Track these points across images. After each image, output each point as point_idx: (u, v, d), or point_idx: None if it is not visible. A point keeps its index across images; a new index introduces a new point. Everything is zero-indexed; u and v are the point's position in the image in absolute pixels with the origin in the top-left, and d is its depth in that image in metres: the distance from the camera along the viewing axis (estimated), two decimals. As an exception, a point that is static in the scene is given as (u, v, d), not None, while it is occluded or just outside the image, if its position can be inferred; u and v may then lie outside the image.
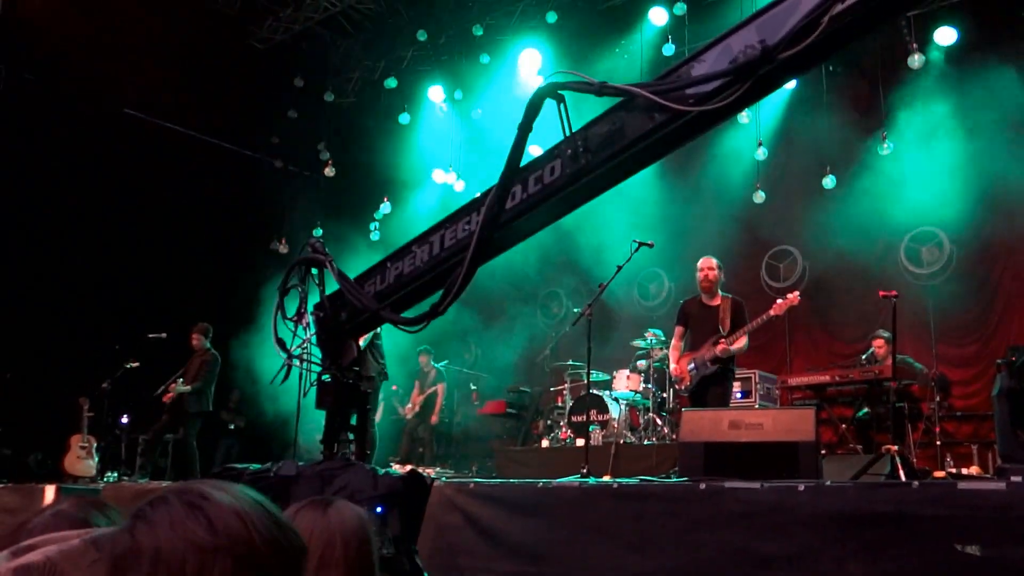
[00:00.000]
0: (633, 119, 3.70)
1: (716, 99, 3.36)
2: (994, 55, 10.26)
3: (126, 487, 8.69)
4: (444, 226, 4.47)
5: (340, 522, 2.09)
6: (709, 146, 12.47)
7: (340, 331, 4.72)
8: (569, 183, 3.92)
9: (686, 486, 5.17)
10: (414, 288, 4.54)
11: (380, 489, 3.78)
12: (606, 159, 3.76)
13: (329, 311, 4.70)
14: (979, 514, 3.94)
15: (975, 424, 10.17)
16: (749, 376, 10.05)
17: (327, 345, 4.71)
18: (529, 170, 4.08)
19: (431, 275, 4.46)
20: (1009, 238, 10.49)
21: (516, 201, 4.07)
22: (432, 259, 4.46)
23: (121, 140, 12.15)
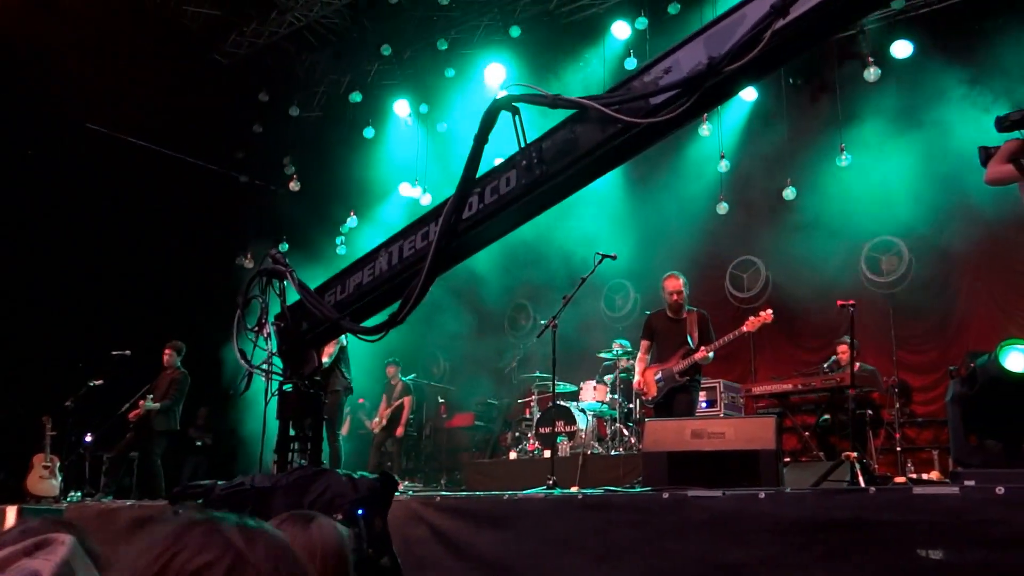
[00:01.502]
0: (586, 131, 3.78)
1: (665, 111, 3.44)
2: (948, 67, 10.47)
3: (90, 507, 8.60)
4: (403, 236, 4.52)
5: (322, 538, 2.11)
6: (672, 159, 12.62)
7: (301, 341, 4.74)
8: (524, 193, 3.98)
9: (650, 496, 5.23)
10: (373, 298, 4.58)
11: (360, 492, 3.81)
12: (560, 170, 3.83)
13: (290, 321, 4.72)
14: (935, 518, 4.03)
15: (935, 430, 10.33)
16: (714, 385, 10.15)
17: (288, 355, 4.73)
18: (485, 181, 4.14)
19: (390, 285, 4.49)
20: (966, 246, 10.70)
21: (473, 211, 4.13)
22: (391, 269, 4.51)
23: (84, 155, 12.05)
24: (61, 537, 1.38)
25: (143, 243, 12.48)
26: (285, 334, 4.69)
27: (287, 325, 4.71)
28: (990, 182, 5.19)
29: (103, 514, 7.73)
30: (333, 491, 3.79)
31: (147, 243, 12.53)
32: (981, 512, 3.89)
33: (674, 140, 12.63)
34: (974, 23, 10.81)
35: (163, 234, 12.74)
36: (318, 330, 4.73)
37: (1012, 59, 9.92)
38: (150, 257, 12.58)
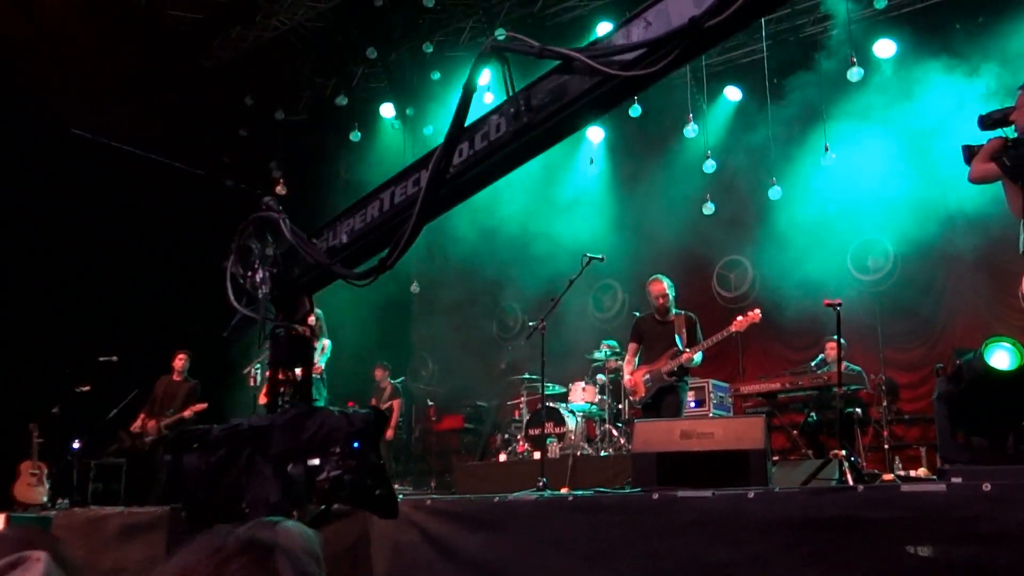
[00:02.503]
0: (571, 81, 3.90)
1: (645, 64, 3.56)
2: (932, 66, 10.54)
3: (78, 514, 8.55)
4: (394, 183, 4.59)
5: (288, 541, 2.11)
6: (658, 159, 12.67)
7: (293, 287, 4.79)
8: (512, 140, 4.11)
9: (640, 496, 5.24)
10: (365, 244, 4.63)
11: (355, 425, 3.83)
12: (546, 118, 3.98)
13: (282, 267, 4.76)
14: (922, 515, 4.05)
15: (923, 427, 10.39)
16: (703, 385, 10.17)
17: (280, 301, 4.77)
18: (475, 128, 4.26)
19: (381, 231, 4.54)
20: (952, 245, 10.77)
21: (463, 157, 4.24)
22: (382, 215, 4.56)
23: (68, 160, 11.98)
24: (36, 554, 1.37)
25: (129, 248, 12.41)
26: (277, 280, 4.73)
27: (279, 271, 4.75)
28: (974, 180, 5.22)
29: (92, 521, 7.70)
30: (329, 426, 3.82)
31: (133, 248, 12.46)
32: (968, 509, 3.92)
33: (660, 140, 12.70)
34: (956, 22, 10.89)
35: (149, 239, 12.67)
36: (310, 275, 4.79)
37: (995, 57, 9.99)
38: (136, 262, 12.51)
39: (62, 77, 11.38)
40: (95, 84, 11.60)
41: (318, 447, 3.77)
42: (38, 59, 11.27)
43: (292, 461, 3.77)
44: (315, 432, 3.80)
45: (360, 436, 3.72)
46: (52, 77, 11.33)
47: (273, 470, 3.76)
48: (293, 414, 4.05)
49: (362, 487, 3.67)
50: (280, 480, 3.72)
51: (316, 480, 3.70)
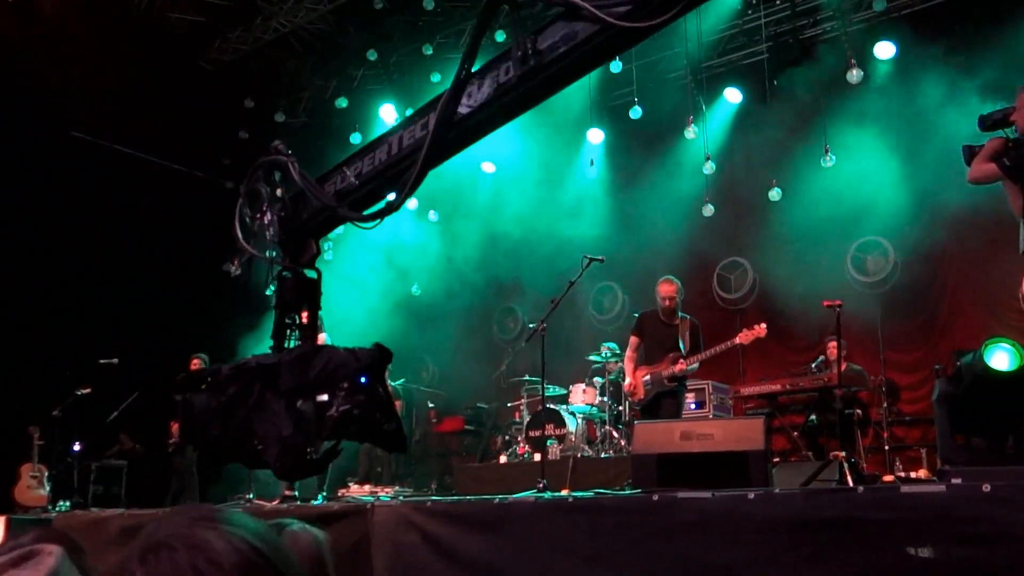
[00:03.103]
0: (576, 29, 4.06)
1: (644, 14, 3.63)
2: (931, 67, 10.55)
3: (79, 516, 8.55)
4: (403, 127, 4.63)
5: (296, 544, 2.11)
6: (658, 161, 12.67)
7: (301, 229, 4.80)
8: (519, 83, 4.17)
9: (640, 498, 5.24)
10: (372, 187, 4.65)
11: (362, 361, 3.86)
12: (551, 62, 4.04)
13: (291, 210, 4.77)
14: (922, 516, 4.05)
15: (923, 428, 10.37)
16: (703, 387, 10.19)
17: (288, 243, 4.77)
18: (483, 72, 4.31)
19: (389, 174, 4.56)
20: (952, 245, 10.77)
21: (471, 99, 4.29)
22: (390, 158, 4.59)
23: (68, 162, 11.99)
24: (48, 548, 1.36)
25: (129, 250, 12.42)
26: (285, 222, 4.74)
27: (288, 214, 4.76)
28: (974, 181, 5.23)
29: (93, 523, 7.70)
30: (336, 363, 3.84)
31: (133, 250, 12.47)
32: (968, 509, 3.92)
33: (660, 142, 12.70)
34: (955, 23, 10.89)
35: (149, 241, 12.68)
36: (318, 219, 4.80)
37: (995, 58, 9.99)
38: (136, 264, 12.52)
39: (62, 79, 11.38)
40: (95, 86, 11.61)
41: (326, 383, 3.79)
42: (38, 61, 11.28)
43: (301, 397, 3.78)
44: (322, 368, 3.82)
45: (367, 371, 3.75)
46: (52, 79, 11.34)
47: (284, 406, 3.78)
48: (300, 352, 4.07)
49: (371, 421, 3.70)
50: (291, 415, 3.73)
51: (326, 415, 3.71)
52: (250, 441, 3.82)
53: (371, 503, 6.35)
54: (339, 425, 3.71)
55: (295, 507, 7.70)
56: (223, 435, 3.92)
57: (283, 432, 3.70)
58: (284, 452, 3.68)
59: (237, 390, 3.92)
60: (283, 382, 3.81)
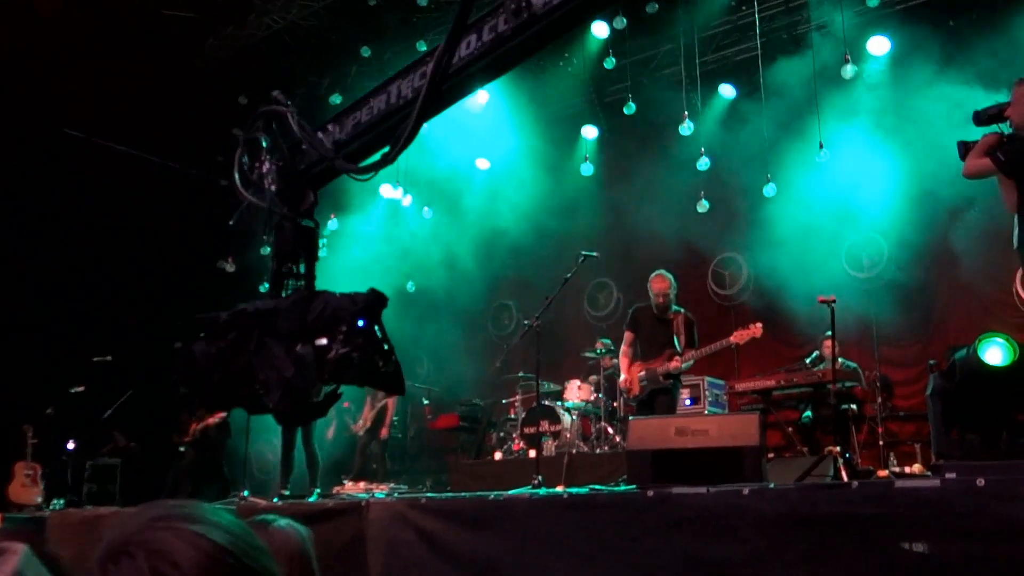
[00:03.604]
0: None
1: None
2: (926, 62, 10.55)
3: (73, 514, 8.54)
4: (400, 77, 4.63)
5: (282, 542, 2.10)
6: (653, 156, 12.67)
7: (299, 179, 4.82)
8: (514, 35, 4.17)
9: (634, 494, 5.24)
10: (369, 138, 4.67)
11: (359, 304, 3.86)
12: (546, 13, 4.06)
13: (288, 159, 4.79)
14: (916, 511, 4.05)
15: (918, 423, 10.38)
16: (698, 382, 10.19)
17: (285, 193, 4.79)
18: (479, 23, 4.32)
19: (385, 125, 4.57)
20: (946, 241, 10.78)
21: (468, 50, 4.30)
22: (388, 108, 4.61)
23: (61, 160, 11.96)
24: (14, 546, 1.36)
25: (122, 248, 12.40)
26: (283, 172, 4.76)
27: (286, 163, 4.78)
28: (969, 175, 5.24)
29: (87, 521, 7.68)
30: (333, 306, 3.84)
31: (127, 248, 12.45)
32: (962, 504, 3.92)
33: (655, 138, 12.70)
34: (950, 18, 10.90)
35: (143, 239, 12.67)
36: (316, 169, 4.82)
37: (989, 54, 10.00)
38: (130, 262, 12.50)
39: (55, 76, 11.35)
40: (88, 83, 11.58)
41: (325, 327, 3.80)
42: (31, 58, 11.24)
43: (300, 341, 3.79)
44: (320, 313, 3.82)
45: (364, 314, 3.75)
46: (45, 76, 11.31)
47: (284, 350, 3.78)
48: (297, 297, 4.07)
49: (370, 364, 3.70)
50: (292, 359, 3.73)
51: (325, 359, 3.71)
52: (251, 386, 3.83)
53: (366, 500, 6.34)
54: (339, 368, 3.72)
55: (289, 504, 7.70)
56: (224, 381, 3.93)
57: (285, 374, 3.71)
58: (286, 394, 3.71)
59: (236, 336, 3.93)
60: (281, 327, 3.83)
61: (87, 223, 12.09)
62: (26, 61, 11.19)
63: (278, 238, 4.75)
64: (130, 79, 12.02)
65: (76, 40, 11.56)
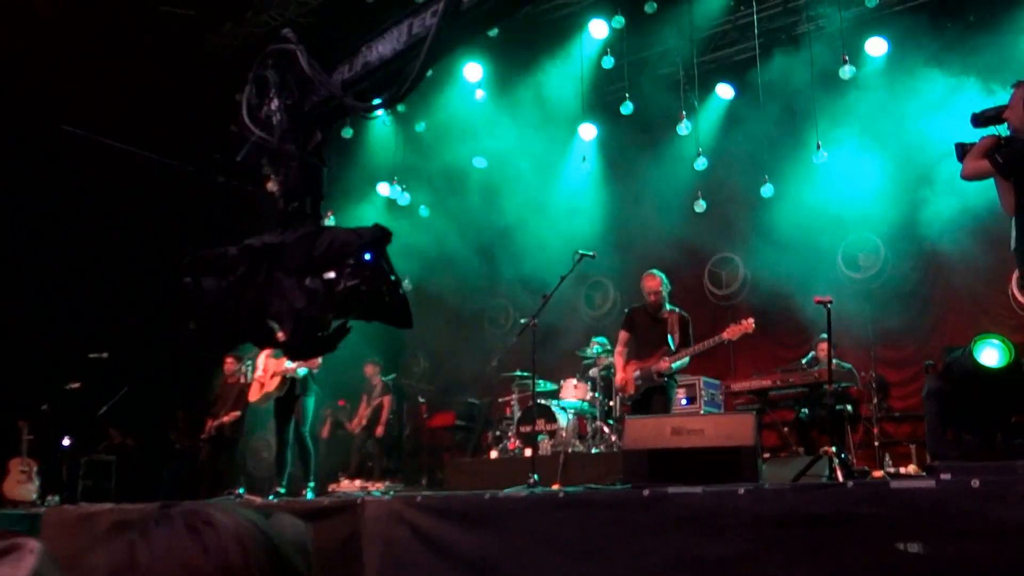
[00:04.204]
0: None
1: None
2: (924, 64, 10.57)
3: (68, 511, 8.53)
4: (412, 15, 4.64)
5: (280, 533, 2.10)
6: (650, 156, 12.67)
7: (307, 118, 4.86)
8: None
9: (630, 493, 5.25)
10: (379, 77, 4.70)
11: (365, 238, 3.90)
12: None
13: (297, 98, 4.82)
14: (911, 512, 4.06)
15: (913, 424, 10.41)
16: (693, 382, 10.20)
17: (293, 131, 4.82)
18: None
19: (395, 65, 4.60)
20: (942, 242, 10.79)
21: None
22: (398, 46, 4.62)
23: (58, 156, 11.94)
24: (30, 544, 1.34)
25: (120, 244, 12.37)
26: (291, 111, 4.80)
27: (294, 102, 4.81)
28: (966, 177, 5.25)
29: (82, 518, 7.68)
30: (340, 241, 3.86)
31: (124, 244, 12.42)
32: (957, 505, 3.93)
33: (652, 138, 12.70)
34: (947, 20, 10.92)
35: (140, 235, 12.64)
36: (324, 108, 4.86)
37: (987, 56, 10.02)
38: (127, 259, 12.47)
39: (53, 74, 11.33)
40: (85, 80, 11.56)
41: (332, 261, 3.82)
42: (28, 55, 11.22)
43: (309, 275, 3.81)
44: (328, 247, 3.85)
45: (371, 248, 3.77)
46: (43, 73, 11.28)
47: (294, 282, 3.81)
48: (303, 232, 4.09)
49: (378, 296, 3.74)
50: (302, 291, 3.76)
51: (334, 291, 3.74)
52: (262, 319, 3.86)
53: (362, 498, 6.35)
54: (348, 301, 3.75)
55: (285, 502, 7.71)
56: (236, 315, 3.94)
57: (296, 305, 3.74)
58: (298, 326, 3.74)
59: (245, 270, 3.95)
60: (290, 261, 3.86)
61: (84, 220, 12.07)
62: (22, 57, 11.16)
63: (285, 176, 4.79)
64: (128, 77, 12.00)
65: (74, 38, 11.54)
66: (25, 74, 11.22)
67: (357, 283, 3.70)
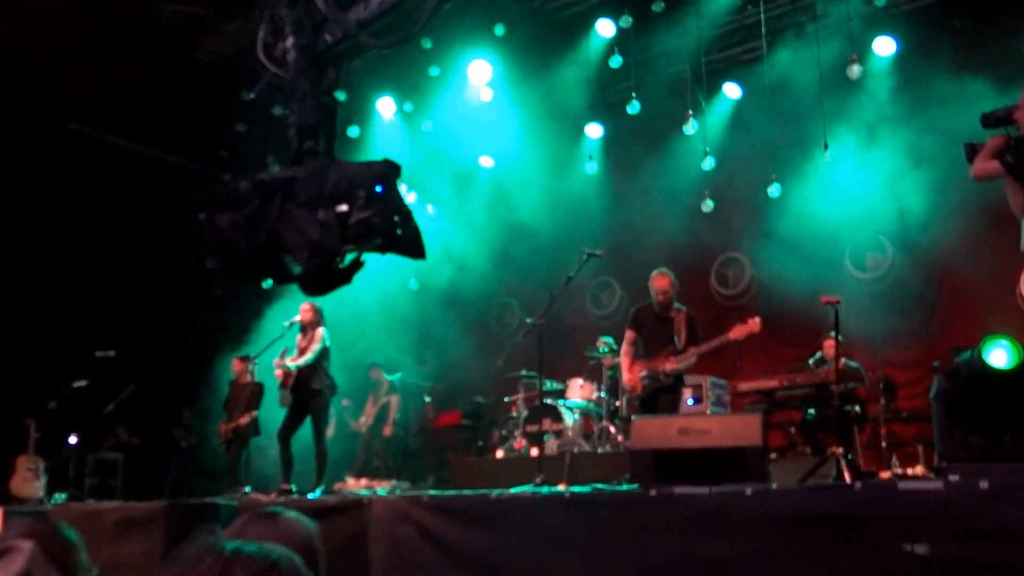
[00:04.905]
0: None
1: None
2: (933, 64, 10.53)
3: (74, 508, 8.55)
4: None
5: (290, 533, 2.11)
6: (657, 156, 12.65)
7: (321, 57, 4.86)
8: None
9: (637, 493, 5.24)
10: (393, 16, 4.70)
11: (376, 170, 3.91)
12: None
13: (312, 37, 4.83)
14: (919, 513, 4.05)
15: (920, 425, 10.36)
16: (700, 382, 10.17)
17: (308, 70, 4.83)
18: None
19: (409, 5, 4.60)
20: (950, 242, 10.75)
21: None
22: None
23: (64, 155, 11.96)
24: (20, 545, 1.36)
25: (126, 243, 12.39)
26: (305, 49, 4.81)
27: (309, 41, 4.82)
28: (976, 178, 5.23)
29: (88, 516, 7.69)
30: (351, 174, 3.87)
31: (130, 243, 12.44)
32: (965, 506, 3.91)
33: (659, 137, 12.68)
34: (956, 19, 10.87)
35: (146, 234, 12.65)
36: (339, 47, 4.87)
37: (996, 55, 9.98)
38: (133, 257, 12.49)
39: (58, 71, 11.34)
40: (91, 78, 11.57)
41: (344, 194, 3.83)
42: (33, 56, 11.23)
43: (321, 208, 3.82)
44: (339, 180, 3.85)
45: (381, 180, 3.78)
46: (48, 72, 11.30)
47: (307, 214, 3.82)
48: (315, 166, 4.10)
49: (390, 228, 3.75)
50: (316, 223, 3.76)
51: (347, 224, 3.74)
52: (278, 252, 3.86)
53: (368, 497, 6.35)
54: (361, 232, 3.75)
55: (292, 500, 7.71)
56: (251, 249, 3.94)
57: (312, 236, 3.75)
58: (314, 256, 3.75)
59: (259, 204, 3.95)
60: (302, 194, 3.87)
61: (90, 218, 12.08)
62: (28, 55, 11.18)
63: (299, 114, 4.80)
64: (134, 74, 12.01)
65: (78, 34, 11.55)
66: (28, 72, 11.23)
67: (369, 215, 3.70)
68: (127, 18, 12.27)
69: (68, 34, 11.46)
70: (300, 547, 2.09)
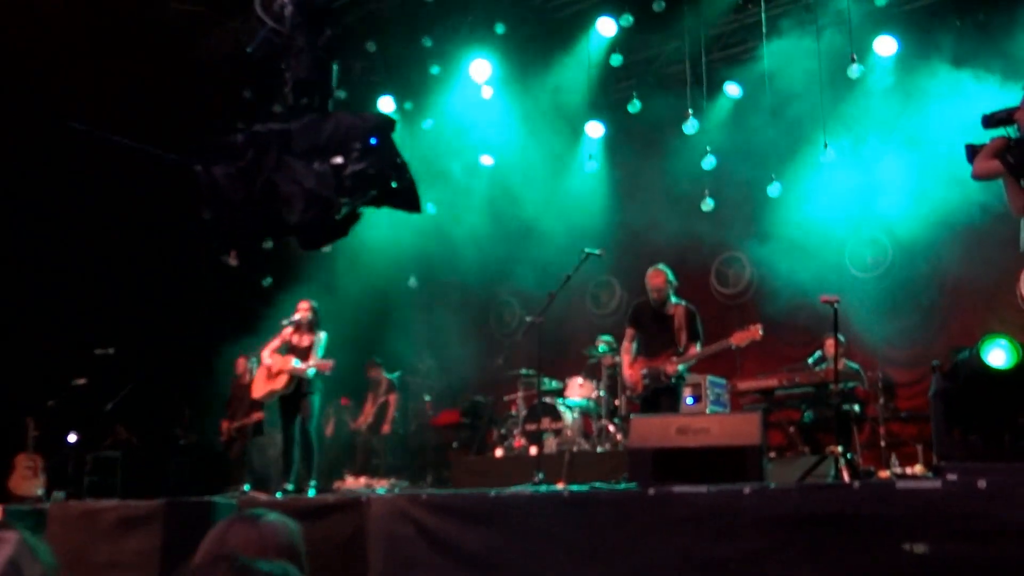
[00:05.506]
0: None
1: None
2: (933, 63, 10.52)
3: (73, 506, 8.55)
4: None
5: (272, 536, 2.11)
6: (658, 155, 12.64)
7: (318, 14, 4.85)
8: None
9: (635, 492, 5.24)
10: None
11: (369, 123, 3.91)
12: None
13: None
14: (918, 512, 4.05)
15: (919, 424, 10.36)
16: (699, 381, 10.17)
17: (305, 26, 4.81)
18: None
19: None
20: (949, 242, 10.76)
21: None
22: None
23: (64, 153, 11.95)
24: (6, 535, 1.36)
25: (125, 241, 12.39)
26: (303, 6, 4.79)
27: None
28: (977, 178, 5.25)
29: (87, 514, 7.69)
30: (346, 125, 3.86)
31: (130, 241, 12.44)
32: (963, 505, 3.92)
33: (659, 136, 12.67)
34: (957, 19, 10.87)
35: (146, 232, 12.65)
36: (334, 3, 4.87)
37: (998, 55, 9.97)
38: (133, 255, 12.49)
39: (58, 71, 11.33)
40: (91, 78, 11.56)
41: (339, 145, 3.82)
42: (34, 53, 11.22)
43: (317, 160, 3.81)
44: (334, 131, 3.84)
45: (376, 133, 3.77)
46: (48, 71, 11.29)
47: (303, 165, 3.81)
48: (309, 118, 4.08)
49: (385, 179, 3.75)
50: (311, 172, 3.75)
51: (343, 175, 3.73)
52: (274, 203, 3.85)
53: (367, 495, 6.35)
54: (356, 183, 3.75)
55: (291, 500, 7.71)
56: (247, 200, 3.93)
57: (307, 186, 3.74)
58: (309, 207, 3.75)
59: (255, 155, 3.95)
60: (297, 145, 3.87)
61: (90, 217, 12.08)
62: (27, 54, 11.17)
63: (295, 68, 4.77)
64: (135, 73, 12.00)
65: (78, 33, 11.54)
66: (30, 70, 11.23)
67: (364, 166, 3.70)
68: (127, 18, 12.26)
69: (68, 34, 11.45)
70: (283, 549, 2.11)
